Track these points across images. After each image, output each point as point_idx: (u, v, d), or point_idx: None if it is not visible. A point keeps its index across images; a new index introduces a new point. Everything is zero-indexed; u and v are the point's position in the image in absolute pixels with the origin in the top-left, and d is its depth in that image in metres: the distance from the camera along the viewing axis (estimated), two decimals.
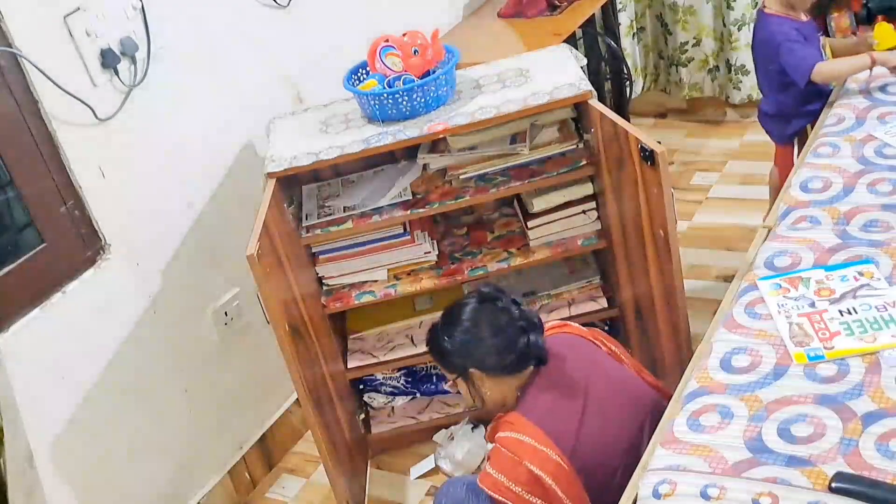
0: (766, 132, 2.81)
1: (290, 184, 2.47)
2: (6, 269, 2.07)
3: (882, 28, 2.49)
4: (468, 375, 1.92)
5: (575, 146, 2.46)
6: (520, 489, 1.79)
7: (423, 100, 2.28)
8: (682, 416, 1.59)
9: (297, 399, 2.26)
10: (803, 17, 2.55)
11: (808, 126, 2.59)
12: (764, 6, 2.58)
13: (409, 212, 2.43)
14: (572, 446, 1.81)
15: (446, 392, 2.73)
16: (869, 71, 2.39)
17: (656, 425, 1.69)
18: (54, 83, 2.06)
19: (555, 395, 1.87)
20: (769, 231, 2.01)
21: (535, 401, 1.87)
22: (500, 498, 1.81)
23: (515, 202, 2.70)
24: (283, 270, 2.22)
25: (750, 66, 3.75)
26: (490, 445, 2.62)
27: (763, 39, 2.59)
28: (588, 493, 1.82)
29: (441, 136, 2.31)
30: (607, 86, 3.94)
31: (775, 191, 2.68)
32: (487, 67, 2.51)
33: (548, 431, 1.81)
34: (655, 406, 1.94)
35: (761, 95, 2.78)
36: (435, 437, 2.65)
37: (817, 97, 2.53)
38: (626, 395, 1.93)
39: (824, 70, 2.42)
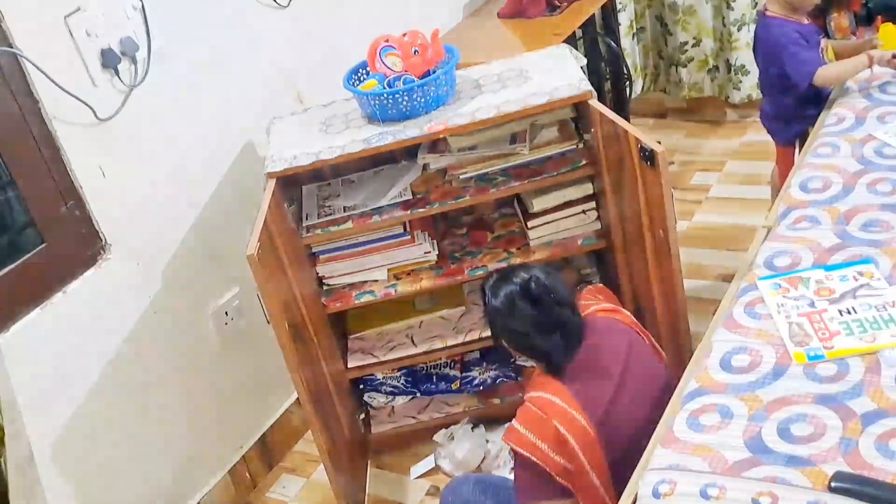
0: (768, 132, 2.81)
1: (290, 184, 2.47)
2: (6, 269, 2.08)
3: (887, 29, 2.49)
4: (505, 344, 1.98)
5: (575, 146, 2.46)
6: (545, 446, 1.80)
7: (423, 100, 2.28)
8: (681, 416, 1.59)
9: (297, 399, 2.27)
10: (805, 20, 2.55)
11: (809, 127, 2.59)
12: (765, 8, 2.58)
13: (409, 212, 2.43)
14: (600, 416, 1.82)
15: (446, 392, 2.73)
16: (869, 70, 2.40)
17: None
18: (55, 83, 2.06)
19: (591, 368, 1.89)
20: (769, 231, 2.01)
21: (572, 370, 1.88)
22: (525, 452, 1.82)
23: (515, 202, 2.70)
24: (284, 270, 2.22)
25: (750, 66, 3.76)
26: (489, 445, 2.63)
27: (764, 42, 2.59)
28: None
29: (441, 136, 2.31)
30: (607, 86, 3.94)
31: (776, 191, 2.67)
32: (487, 67, 2.51)
33: (578, 395, 1.83)
34: None
35: (762, 95, 2.78)
36: (435, 437, 2.66)
37: (817, 101, 2.53)
38: (659, 391, 1.93)
39: (826, 74, 2.42)
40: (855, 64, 2.40)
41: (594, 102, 2.26)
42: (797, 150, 2.71)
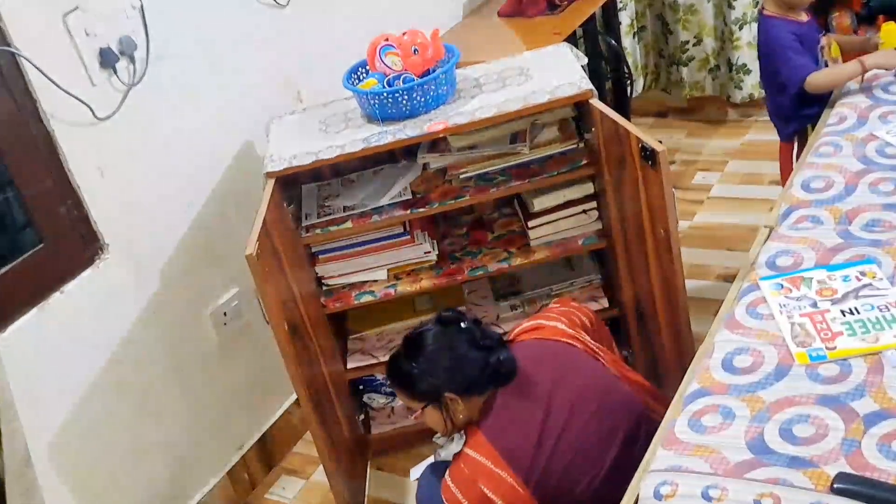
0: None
1: (290, 183, 2.46)
2: (5, 269, 2.07)
3: (889, 28, 2.48)
4: (442, 400, 1.91)
5: (575, 145, 2.45)
6: None
7: (422, 99, 2.28)
8: (683, 417, 1.58)
9: (297, 399, 2.26)
10: (803, 17, 2.54)
11: (809, 126, 2.59)
12: (763, 8, 2.57)
13: (409, 211, 2.43)
14: (528, 466, 1.82)
15: None
16: (861, 77, 2.39)
17: (644, 431, 1.68)
18: (53, 82, 2.05)
19: (515, 410, 1.87)
20: (771, 231, 2.00)
21: (496, 417, 1.87)
22: None
23: (515, 202, 2.69)
24: (283, 270, 2.21)
25: (751, 65, 3.76)
26: None
27: (763, 42, 2.59)
28: (554, 499, 1.84)
29: (441, 135, 2.30)
30: (608, 85, 3.94)
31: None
32: (487, 66, 2.51)
33: (503, 451, 1.82)
34: (641, 413, 1.93)
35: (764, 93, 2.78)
36: (435, 438, 2.64)
37: (814, 101, 2.52)
38: (599, 399, 1.91)
39: (816, 81, 2.42)
40: (848, 72, 2.40)
41: (595, 102, 2.25)
42: (795, 147, 2.71)
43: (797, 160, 2.63)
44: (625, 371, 2.07)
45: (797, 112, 2.58)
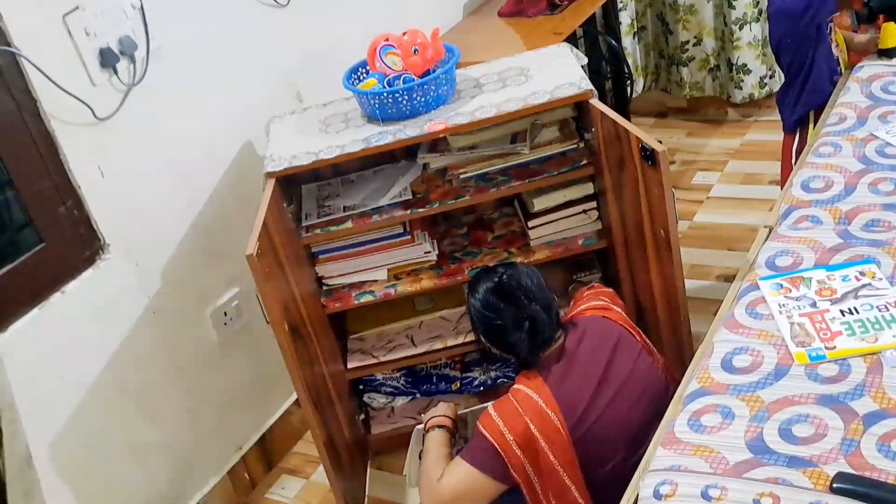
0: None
1: (290, 183, 2.46)
2: (5, 269, 2.07)
3: (889, 27, 2.48)
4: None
5: (575, 146, 2.45)
6: (511, 438, 1.85)
7: (423, 99, 2.28)
8: (682, 417, 1.58)
9: (297, 399, 2.26)
10: None
11: (811, 113, 2.59)
12: None
13: (409, 211, 2.43)
14: (577, 418, 1.86)
15: (446, 392, 2.72)
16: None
17: None
18: (53, 82, 2.05)
19: (571, 368, 1.91)
20: (770, 231, 2.01)
21: (551, 367, 1.92)
22: (490, 438, 1.86)
23: (516, 202, 2.69)
24: (283, 270, 2.21)
25: (751, 65, 3.76)
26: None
27: (771, 15, 2.61)
28: (583, 466, 1.88)
29: (441, 135, 2.30)
30: (608, 85, 3.94)
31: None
32: (488, 66, 2.51)
33: (558, 395, 1.87)
34: None
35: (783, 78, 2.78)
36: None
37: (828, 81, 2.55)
38: (646, 392, 1.95)
39: None
40: None
41: (595, 102, 2.25)
42: (797, 139, 2.70)
43: (796, 157, 2.63)
44: (670, 370, 2.09)
45: (811, 82, 2.60)
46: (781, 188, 2.30)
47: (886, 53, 2.50)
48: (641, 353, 2.01)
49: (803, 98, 2.59)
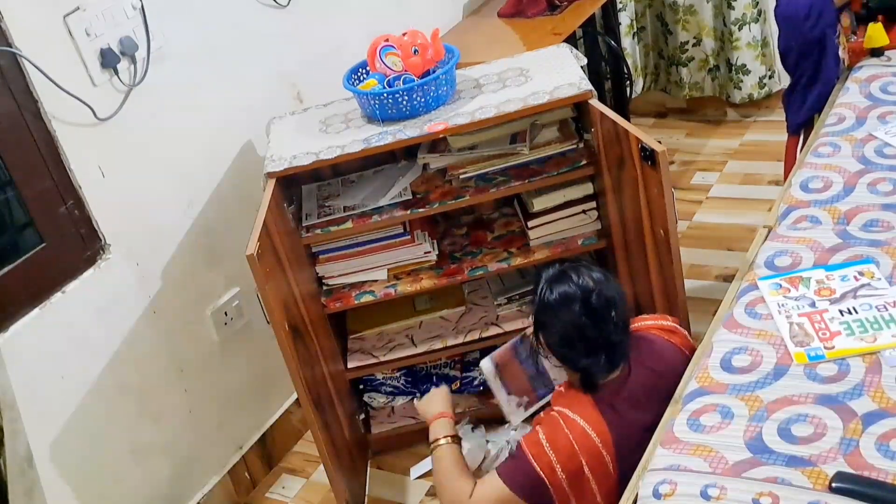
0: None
1: (290, 184, 2.47)
2: (6, 269, 2.07)
3: (874, 28, 2.49)
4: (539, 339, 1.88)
5: (575, 146, 2.45)
6: (563, 476, 1.77)
7: (423, 99, 2.28)
8: (682, 416, 1.59)
9: (297, 399, 2.26)
10: None
11: (817, 115, 2.61)
12: None
13: (409, 212, 2.43)
14: (627, 450, 1.74)
15: None
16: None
17: None
18: (54, 83, 2.06)
19: (632, 405, 1.80)
20: (769, 231, 2.01)
21: (614, 399, 1.81)
22: (538, 469, 1.78)
23: (515, 202, 2.69)
24: (283, 270, 2.22)
25: (750, 65, 3.76)
26: (489, 446, 2.62)
27: (779, 16, 2.63)
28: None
29: (441, 135, 2.31)
30: (607, 85, 3.94)
31: None
32: (487, 67, 2.51)
33: (615, 439, 1.77)
34: None
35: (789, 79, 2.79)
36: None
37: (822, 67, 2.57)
38: None
39: None
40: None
41: (595, 102, 2.26)
42: (801, 139, 2.72)
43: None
44: None
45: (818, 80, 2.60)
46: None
47: (874, 53, 2.51)
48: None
49: (809, 102, 2.61)
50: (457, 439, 2.09)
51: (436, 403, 2.17)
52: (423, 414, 2.19)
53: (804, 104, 2.65)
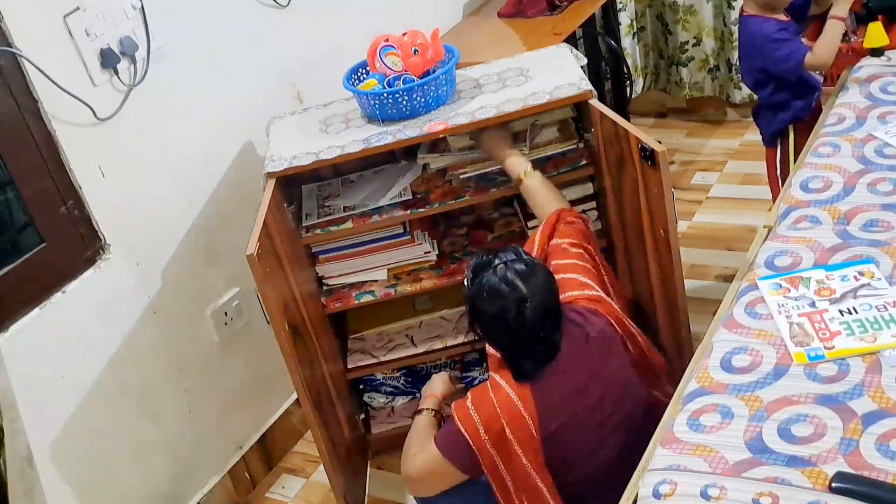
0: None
1: (290, 184, 2.47)
2: (6, 269, 2.07)
3: (874, 27, 2.49)
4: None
5: (575, 146, 2.45)
6: (486, 437, 1.84)
7: (423, 99, 2.28)
8: (682, 416, 1.59)
9: (297, 399, 2.26)
10: (783, 17, 2.54)
11: (790, 127, 2.61)
12: (743, 10, 2.59)
13: (409, 212, 2.43)
14: (554, 428, 1.84)
15: None
16: (844, 27, 2.44)
17: (648, 427, 1.68)
18: (54, 83, 2.06)
19: (559, 377, 1.86)
20: (769, 231, 2.01)
21: (541, 371, 1.86)
22: (464, 431, 1.86)
23: (515, 202, 2.69)
24: (283, 270, 2.22)
25: None
26: None
27: (746, 42, 2.61)
28: (553, 469, 1.87)
29: (441, 135, 2.31)
30: (607, 85, 3.94)
31: None
32: (487, 67, 2.51)
33: (539, 407, 1.83)
34: (649, 405, 1.95)
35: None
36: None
37: (802, 93, 2.54)
38: (620, 400, 1.92)
39: (817, 53, 2.42)
40: (835, 31, 2.42)
41: (594, 102, 2.26)
42: (778, 152, 2.71)
43: (781, 169, 2.65)
44: (637, 343, 2.06)
45: (786, 104, 2.59)
46: (773, 202, 2.30)
47: (873, 53, 2.51)
48: (619, 350, 1.99)
49: (778, 115, 2.61)
50: (438, 414, 2.15)
51: (434, 386, 2.24)
52: (423, 395, 2.25)
53: (773, 117, 2.65)
